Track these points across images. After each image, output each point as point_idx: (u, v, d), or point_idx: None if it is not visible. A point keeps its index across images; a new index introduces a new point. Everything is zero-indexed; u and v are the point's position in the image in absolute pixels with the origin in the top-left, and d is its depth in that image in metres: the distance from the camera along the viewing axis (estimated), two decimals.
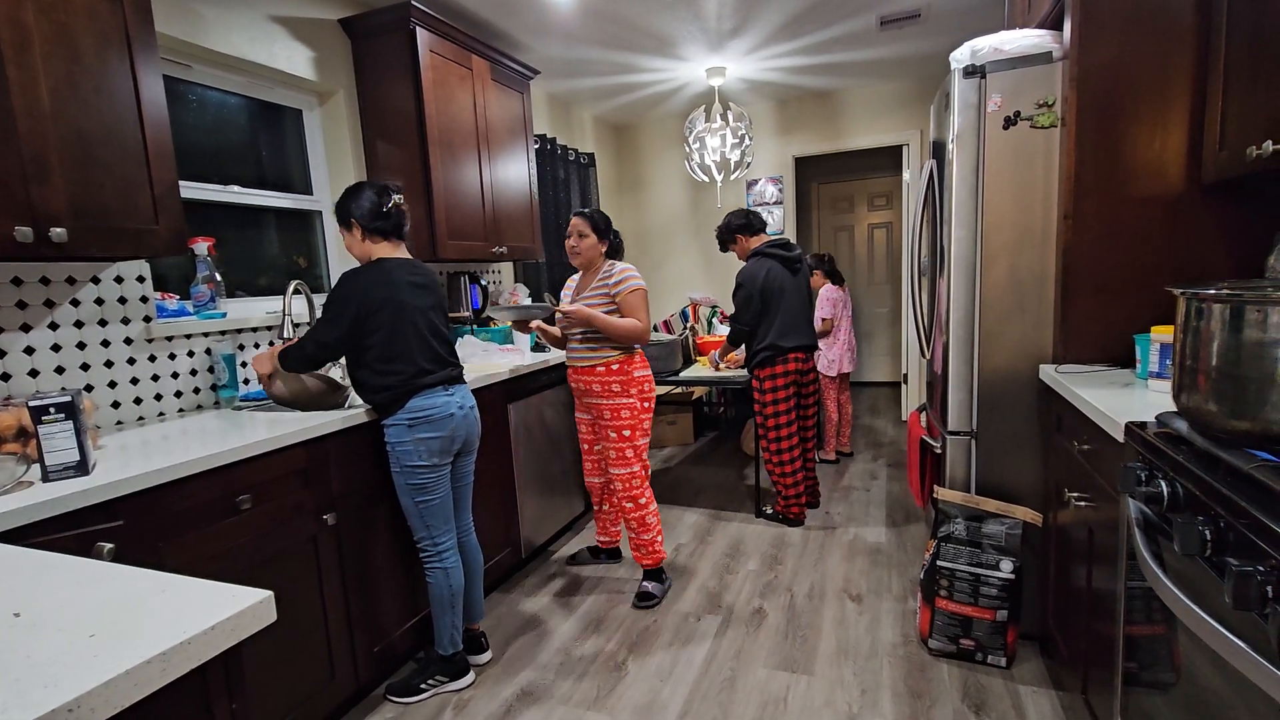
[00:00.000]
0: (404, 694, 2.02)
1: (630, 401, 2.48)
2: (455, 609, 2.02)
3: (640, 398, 2.51)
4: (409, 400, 1.88)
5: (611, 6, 3.00)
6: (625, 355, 2.48)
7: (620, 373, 2.47)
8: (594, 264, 2.52)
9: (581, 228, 2.48)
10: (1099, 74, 1.77)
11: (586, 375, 2.50)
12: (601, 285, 2.44)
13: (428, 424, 1.90)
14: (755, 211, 3.24)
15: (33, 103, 1.41)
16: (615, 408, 2.47)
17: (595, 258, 2.52)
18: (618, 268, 2.45)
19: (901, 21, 3.38)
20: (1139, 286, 1.82)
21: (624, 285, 2.41)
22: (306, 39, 2.54)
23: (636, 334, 2.40)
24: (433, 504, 1.95)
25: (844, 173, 6.37)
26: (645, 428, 2.54)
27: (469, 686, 2.08)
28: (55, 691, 0.57)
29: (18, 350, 1.68)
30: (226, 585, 0.76)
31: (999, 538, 1.98)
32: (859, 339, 6.57)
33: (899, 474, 3.90)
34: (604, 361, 2.46)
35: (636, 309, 2.41)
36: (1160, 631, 1.14)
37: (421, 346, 1.91)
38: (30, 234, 1.40)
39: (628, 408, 2.48)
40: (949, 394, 2.12)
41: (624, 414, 2.48)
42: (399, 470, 1.91)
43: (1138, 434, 1.21)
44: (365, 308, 1.82)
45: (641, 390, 2.51)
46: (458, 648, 2.05)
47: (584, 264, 2.53)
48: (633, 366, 2.49)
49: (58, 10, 1.46)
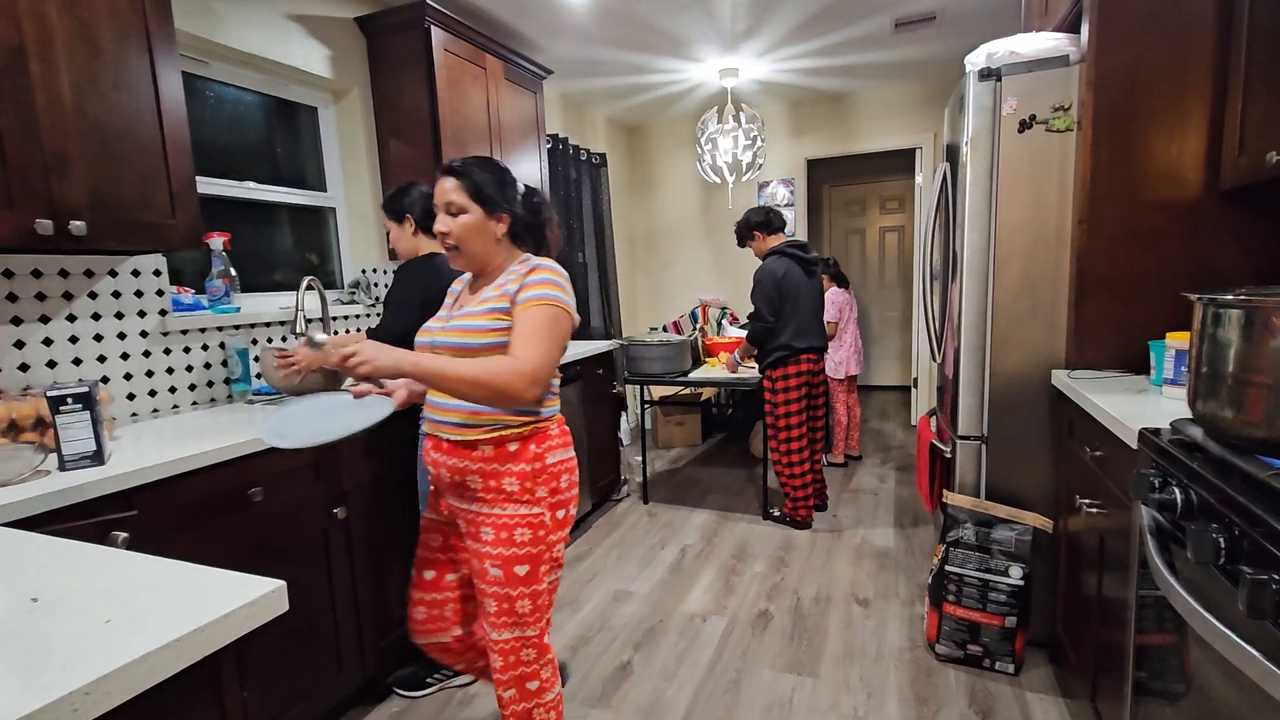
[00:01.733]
0: (410, 688, 2.03)
1: (536, 514, 1.39)
2: None
3: (553, 504, 1.42)
4: None
5: (625, 7, 3.00)
6: (534, 425, 1.41)
7: (522, 456, 1.38)
8: (491, 262, 1.46)
9: (453, 195, 1.39)
10: (1116, 77, 1.76)
11: (456, 454, 1.39)
12: (499, 293, 1.39)
13: None
14: (777, 210, 3.24)
15: (54, 98, 1.43)
16: (505, 522, 1.38)
17: (488, 250, 1.44)
18: (533, 263, 1.41)
19: (916, 24, 3.36)
20: (1154, 292, 1.81)
21: (529, 293, 1.35)
22: (323, 37, 2.56)
23: (501, 384, 1.26)
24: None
25: (856, 175, 6.34)
26: (555, 557, 1.44)
27: (474, 681, 2.09)
28: (72, 674, 0.57)
29: (36, 341, 1.70)
30: (239, 574, 0.77)
31: (1008, 543, 1.97)
32: (868, 343, 6.54)
33: (908, 478, 3.88)
34: (493, 435, 1.37)
35: (531, 333, 1.32)
36: (1171, 640, 1.13)
37: None
38: (50, 226, 1.41)
39: (529, 523, 1.39)
40: (960, 398, 2.11)
41: (520, 534, 1.38)
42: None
43: (1152, 440, 1.20)
44: (429, 297, 1.89)
45: (556, 489, 1.43)
46: None
47: (470, 263, 1.45)
48: (546, 447, 1.42)
49: (80, 6, 1.48)
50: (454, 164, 1.42)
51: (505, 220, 1.44)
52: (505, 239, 1.47)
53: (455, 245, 1.42)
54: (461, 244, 1.41)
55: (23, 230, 1.38)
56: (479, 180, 1.40)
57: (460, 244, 1.41)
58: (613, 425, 3.63)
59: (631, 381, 3.44)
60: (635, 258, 5.54)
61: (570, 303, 1.40)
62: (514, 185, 1.47)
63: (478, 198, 1.40)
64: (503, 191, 1.43)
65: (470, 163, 1.42)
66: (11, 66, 1.36)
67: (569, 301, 1.39)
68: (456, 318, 1.42)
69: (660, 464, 4.38)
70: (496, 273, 1.47)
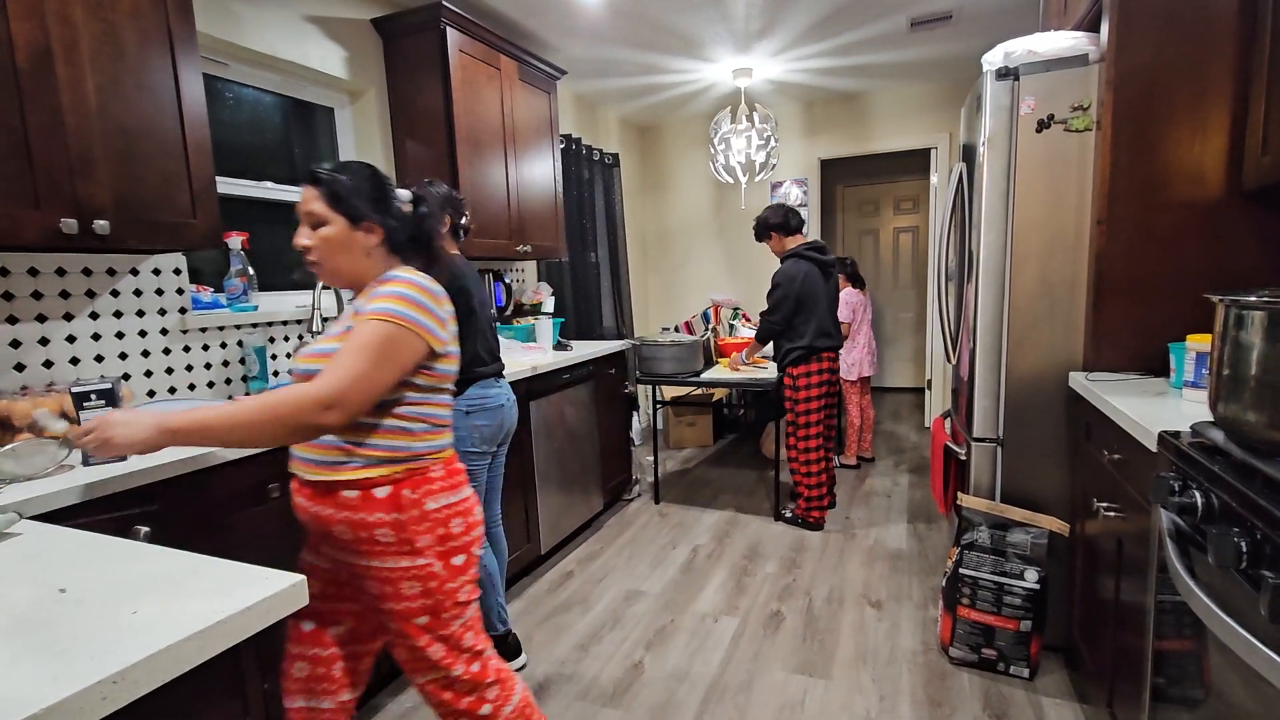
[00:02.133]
0: None
1: (422, 565, 1.22)
2: (497, 588, 2.09)
3: (443, 552, 1.24)
4: (469, 388, 1.97)
5: (639, 7, 3.01)
6: (407, 465, 1.22)
7: (395, 504, 1.20)
8: (364, 278, 1.28)
9: (312, 205, 1.23)
10: (1137, 76, 1.74)
11: (318, 501, 1.21)
12: (354, 310, 1.24)
13: (483, 412, 1.98)
14: (795, 211, 3.24)
15: (79, 99, 1.46)
16: (388, 575, 1.21)
17: (356, 266, 1.27)
18: (389, 275, 1.24)
19: (932, 23, 3.34)
20: (1174, 294, 1.79)
21: (369, 306, 1.18)
22: (340, 38, 2.58)
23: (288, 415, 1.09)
24: (478, 489, 2.03)
25: (870, 176, 6.31)
26: (462, 601, 1.27)
27: (523, 668, 2.13)
28: (101, 664, 0.59)
29: (60, 338, 1.73)
30: (260, 568, 0.78)
31: (1024, 546, 1.95)
32: (881, 344, 6.51)
33: (921, 480, 3.86)
34: (357, 478, 1.19)
35: (347, 351, 1.14)
36: (1190, 646, 1.12)
37: (484, 337, 2.02)
38: (75, 226, 1.44)
39: (414, 575, 1.21)
40: (975, 400, 2.09)
41: (408, 587, 1.21)
42: None
43: (1171, 443, 1.19)
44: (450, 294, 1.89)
45: (447, 535, 1.25)
46: (507, 626, 2.12)
47: (334, 279, 1.28)
48: (424, 492, 1.22)
49: (105, 9, 1.50)
50: (316, 171, 1.25)
51: (376, 232, 1.27)
52: (381, 252, 1.29)
53: (316, 261, 1.25)
54: (322, 259, 1.24)
55: (49, 230, 1.41)
56: (341, 189, 1.23)
57: (320, 259, 1.25)
58: (624, 425, 3.64)
59: (643, 381, 3.44)
60: (647, 258, 5.55)
61: (419, 321, 1.18)
62: (389, 193, 1.30)
63: (340, 207, 1.23)
64: (373, 200, 1.27)
65: (335, 169, 1.26)
66: (38, 68, 1.38)
67: (415, 319, 1.18)
68: (315, 341, 1.27)
69: (671, 464, 4.38)
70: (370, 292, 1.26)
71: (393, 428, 1.20)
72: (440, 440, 1.29)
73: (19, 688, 0.56)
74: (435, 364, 1.25)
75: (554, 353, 3.05)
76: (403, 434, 1.21)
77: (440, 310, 1.25)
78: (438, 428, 1.28)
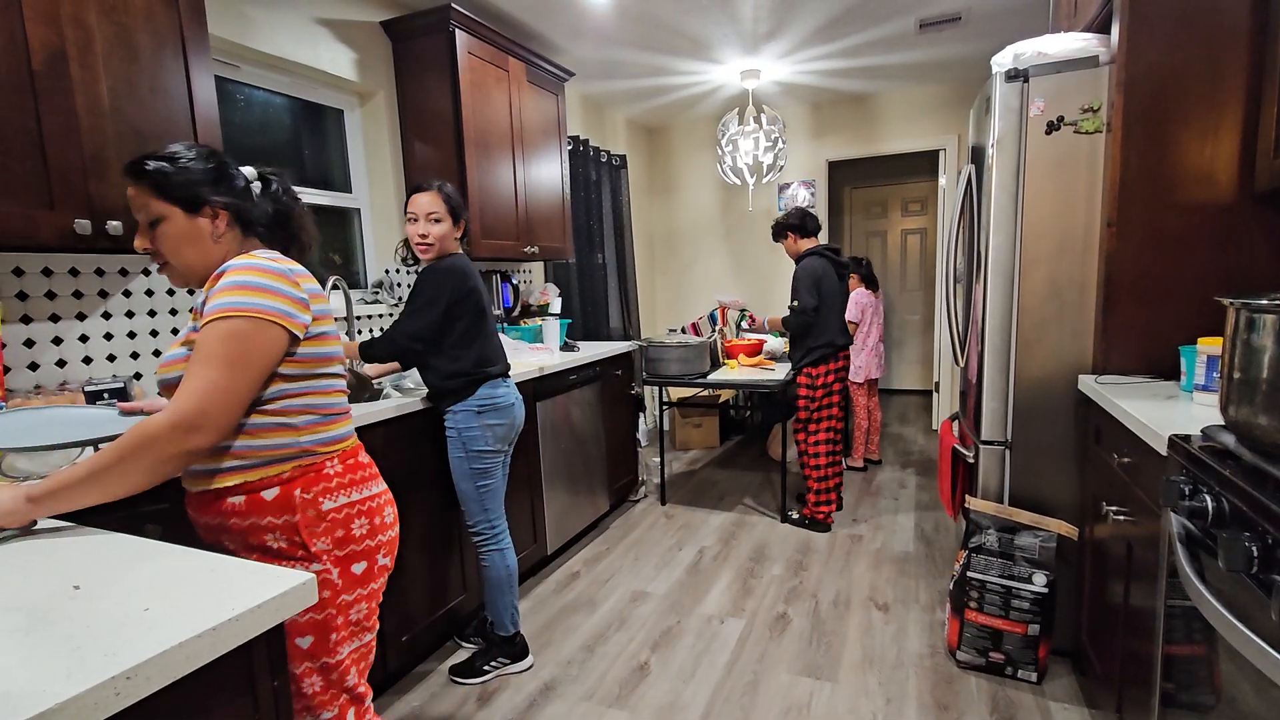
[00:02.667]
0: (467, 675, 2.09)
1: (319, 570, 1.10)
2: (512, 589, 2.10)
3: (341, 558, 1.13)
4: (479, 388, 1.98)
5: (648, 9, 3.01)
6: (298, 463, 1.10)
7: (285, 506, 1.08)
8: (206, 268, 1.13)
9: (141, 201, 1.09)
10: (1147, 78, 1.73)
11: (205, 511, 1.11)
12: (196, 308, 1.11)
13: (494, 411, 2.00)
14: (813, 215, 3.30)
15: (94, 101, 1.47)
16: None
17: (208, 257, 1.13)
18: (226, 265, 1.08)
19: (941, 24, 3.33)
20: (1184, 296, 1.77)
21: (209, 305, 1.04)
22: (349, 41, 2.60)
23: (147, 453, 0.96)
24: (492, 487, 2.04)
25: (878, 177, 6.29)
26: (356, 620, 1.15)
27: (528, 669, 2.14)
28: (114, 660, 0.59)
29: (73, 338, 1.75)
30: (270, 566, 0.79)
31: (1032, 550, 1.94)
32: (889, 346, 6.49)
33: (928, 483, 3.84)
34: (239, 481, 1.08)
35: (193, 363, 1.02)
36: (1200, 652, 1.11)
37: (490, 336, 2.04)
38: (89, 226, 1.46)
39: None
40: (983, 402, 2.09)
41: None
42: (464, 455, 1.99)
43: (1182, 447, 1.18)
44: (456, 295, 1.93)
45: (347, 538, 1.13)
46: (517, 628, 2.13)
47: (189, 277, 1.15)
48: (320, 490, 1.11)
49: (119, 12, 1.52)
50: (136, 162, 1.08)
51: (221, 216, 1.12)
52: (232, 236, 1.15)
53: (163, 263, 1.12)
54: (172, 258, 1.11)
55: (63, 230, 1.42)
56: (168, 176, 1.08)
57: (171, 258, 1.11)
58: (630, 426, 3.64)
59: (650, 383, 3.44)
60: (654, 259, 5.55)
61: (269, 306, 1.04)
62: (227, 171, 1.15)
63: (171, 196, 1.09)
64: (210, 181, 1.12)
65: (156, 156, 1.09)
66: (53, 71, 1.40)
67: (264, 305, 1.04)
68: (171, 346, 1.12)
69: (678, 465, 4.38)
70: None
71: (271, 425, 1.08)
72: (335, 430, 1.15)
73: (34, 682, 0.56)
74: (300, 349, 1.10)
75: (561, 354, 3.06)
76: (284, 430, 1.08)
77: (294, 290, 1.09)
78: (329, 417, 1.14)
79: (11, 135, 1.34)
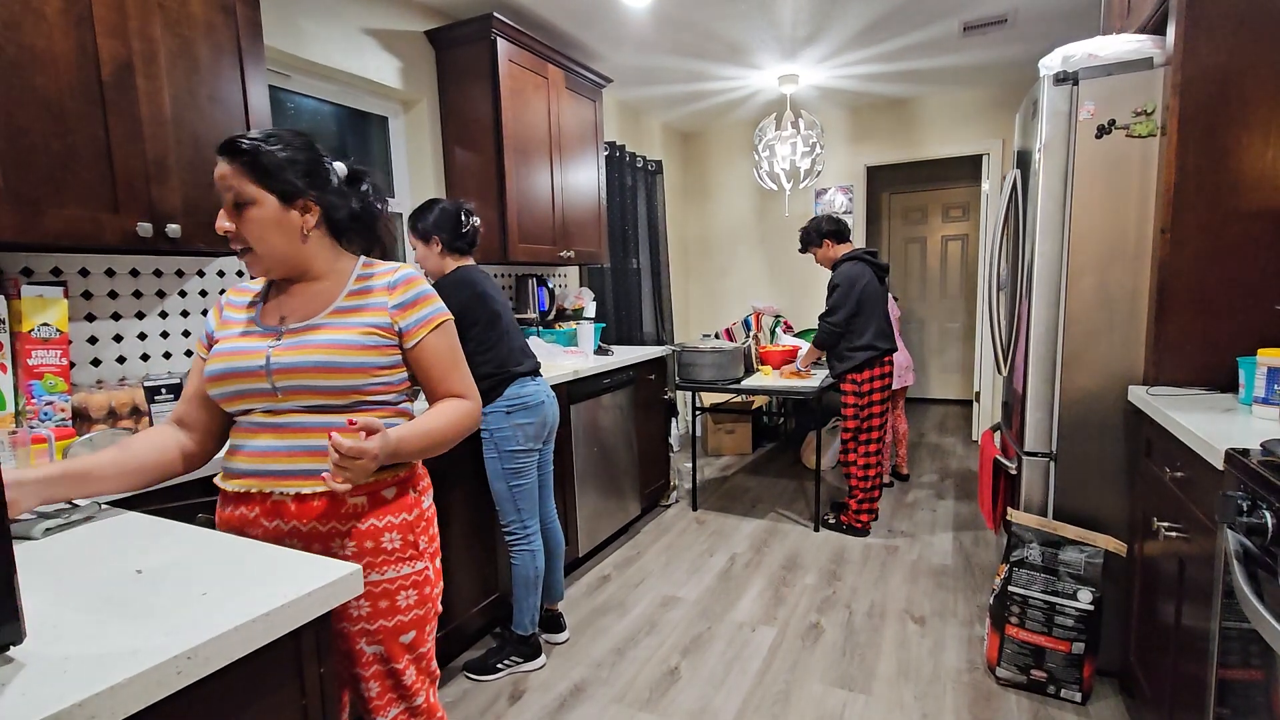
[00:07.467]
0: (480, 672, 2.12)
1: (421, 569, 1.14)
2: (537, 590, 2.13)
3: (433, 553, 1.18)
4: (507, 388, 2.00)
5: (687, 15, 3.02)
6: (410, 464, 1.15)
7: (402, 505, 1.12)
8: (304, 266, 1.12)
9: (234, 181, 1.04)
10: (1205, 80, 1.67)
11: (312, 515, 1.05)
12: (360, 304, 1.10)
13: (524, 410, 2.02)
14: (844, 220, 3.29)
15: (156, 110, 1.54)
16: (386, 588, 1.09)
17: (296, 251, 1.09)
18: (384, 268, 1.15)
19: (986, 27, 3.27)
20: (1243, 306, 1.70)
21: (420, 311, 1.12)
22: (395, 50, 2.67)
23: (469, 427, 1.16)
24: (525, 488, 2.06)
25: (918, 183, 6.19)
26: (439, 610, 1.20)
27: (540, 669, 2.15)
28: (176, 639, 0.62)
29: (132, 336, 1.83)
30: (318, 557, 0.82)
31: (1077, 566, 1.88)
32: (928, 354, 6.36)
33: (967, 494, 3.75)
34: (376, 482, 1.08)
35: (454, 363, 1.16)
36: (1258, 677, 1.06)
37: (513, 337, 2.05)
38: (150, 229, 1.53)
39: (414, 583, 1.12)
40: (1027, 413, 2.03)
41: (405, 598, 1.11)
42: (496, 455, 2.02)
43: (1240, 461, 1.14)
44: (462, 304, 1.94)
45: (434, 535, 1.20)
46: (536, 629, 2.15)
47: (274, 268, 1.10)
48: (424, 488, 1.19)
49: (181, 25, 1.59)
50: (236, 140, 1.03)
51: (313, 211, 1.09)
52: (318, 236, 1.11)
53: (247, 248, 1.06)
54: (257, 245, 1.05)
55: (126, 232, 1.49)
56: (269, 161, 1.03)
57: (256, 245, 1.05)
58: (663, 431, 3.64)
59: (683, 388, 3.44)
60: (689, 264, 5.55)
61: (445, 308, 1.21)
62: (323, 165, 1.12)
63: (269, 183, 1.04)
64: (307, 174, 1.08)
65: (259, 138, 1.05)
66: (121, 82, 1.47)
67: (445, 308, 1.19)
68: (301, 332, 1.06)
69: (709, 471, 4.36)
70: (320, 279, 1.12)
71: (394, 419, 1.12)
72: None
73: (103, 660, 0.59)
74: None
75: (595, 357, 3.08)
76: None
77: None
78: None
79: (83, 144, 1.42)
